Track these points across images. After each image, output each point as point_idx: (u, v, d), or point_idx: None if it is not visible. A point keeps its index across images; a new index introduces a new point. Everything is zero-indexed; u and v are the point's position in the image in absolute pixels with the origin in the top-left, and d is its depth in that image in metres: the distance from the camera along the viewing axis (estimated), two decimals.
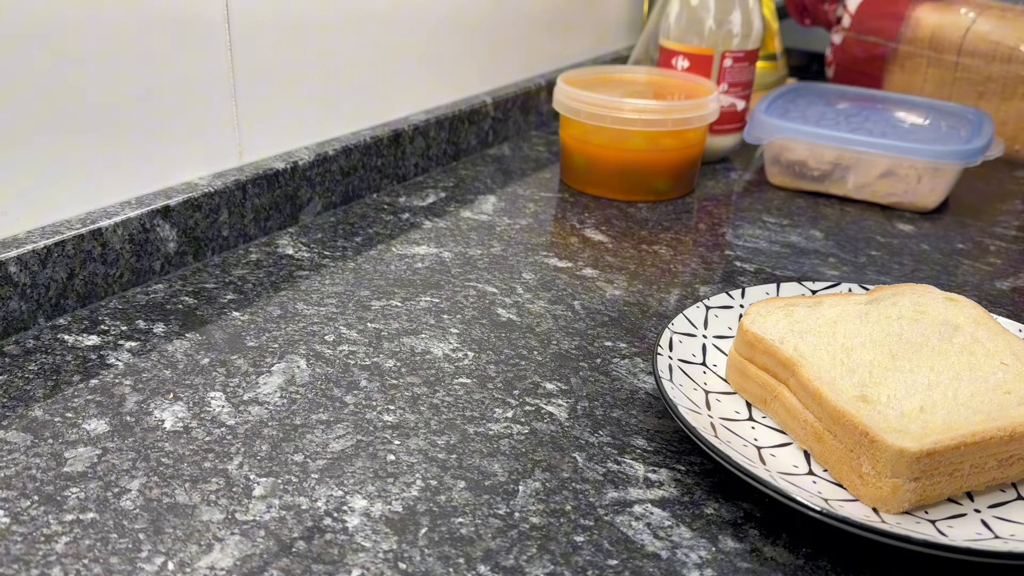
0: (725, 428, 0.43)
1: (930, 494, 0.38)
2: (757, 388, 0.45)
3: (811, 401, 0.41)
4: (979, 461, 0.39)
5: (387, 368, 0.49)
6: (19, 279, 0.49)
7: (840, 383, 0.41)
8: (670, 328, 0.48)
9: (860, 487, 0.39)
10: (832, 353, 0.43)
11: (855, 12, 0.99)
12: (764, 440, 0.43)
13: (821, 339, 0.44)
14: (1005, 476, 0.40)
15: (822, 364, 0.42)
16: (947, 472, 0.38)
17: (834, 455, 0.40)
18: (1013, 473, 0.40)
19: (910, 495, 0.38)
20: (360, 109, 0.73)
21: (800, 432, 0.42)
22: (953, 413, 0.39)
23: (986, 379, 0.42)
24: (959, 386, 0.41)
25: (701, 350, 0.49)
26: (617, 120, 0.72)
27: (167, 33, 0.56)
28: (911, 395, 0.40)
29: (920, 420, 0.39)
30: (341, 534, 0.37)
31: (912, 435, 0.37)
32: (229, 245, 0.62)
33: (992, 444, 0.38)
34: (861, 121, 0.80)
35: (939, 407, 0.40)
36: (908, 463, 0.37)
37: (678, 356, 0.47)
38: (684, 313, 0.50)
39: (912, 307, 0.47)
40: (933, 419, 0.39)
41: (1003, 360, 0.43)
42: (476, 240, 0.66)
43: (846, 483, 0.39)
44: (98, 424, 0.43)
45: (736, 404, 0.45)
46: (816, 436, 0.41)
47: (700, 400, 0.44)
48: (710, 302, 0.51)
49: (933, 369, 0.42)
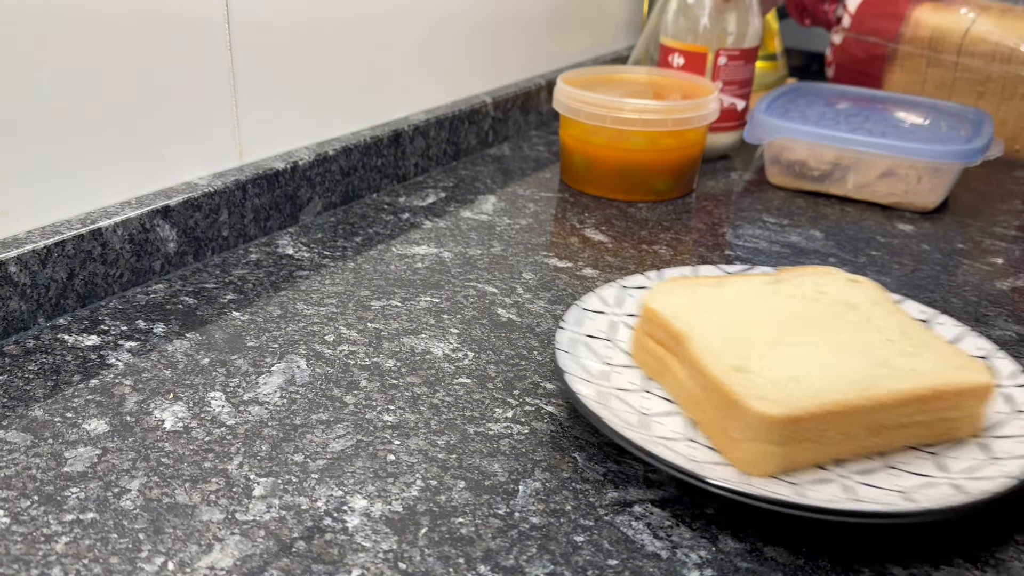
0: (616, 397, 0.44)
1: (798, 460, 0.40)
2: (653, 361, 0.47)
3: (694, 371, 0.43)
4: (847, 429, 0.40)
5: (387, 368, 0.49)
6: (19, 279, 0.49)
7: (722, 355, 0.42)
8: (578, 304, 0.50)
9: (731, 452, 0.40)
10: (722, 328, 0.45)
11: (855, 12, 0.99)
12: (653, 409, 0.45)
13: (715, 316, 0.46)
14: (876, 445, 0.41)
15: (710, 338, 0.44)
16: (814, 439, 0.40)
17: (711, 422, 0.42)
18: (884, 442, 0.41)
19: (777, 460, 0.39)
20: (360, 109, 0.73)
21: (686, 402, 0.44)
22: (826, 384, 0.40)
23: (868, 354, 0.43)
24: (840, 360, 0.42)
25: (610, 326, 0.50)
26: (617, 120, 0.72)
27: (167, 33, 0.56)
28: (788, 367, 0.42)
29: (789, 389, 0.40)
30: (341, 534, 0.37)
31: (777, 402, 0.39)
32: (229, 245, 0.62)
33: (859, 413, 0.40)
34: (861, 121, 0.80)
35: (814, 378, 0.41)
36: (771, 428, 0.38)
37: (585, 331, 0.49)
38: (596, 291, 0.52)
39: (813, 287, 0.49)
40: (803, 389, 0.40)
41: (890, 337, 0.44)
42: (476, 240, 0.66)
43: (720, 448, 0.41)
44: (98, 424, 0.43)
45: (634, 376, 0.47)
46: (698, 405, 0.43)
47: (597, 371, 0.46)
48: (626, 282, 0.54)
49: (818, 344, 0.44)
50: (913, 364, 0.42)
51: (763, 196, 0.77)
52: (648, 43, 0.94)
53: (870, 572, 0.37)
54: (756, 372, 0.41)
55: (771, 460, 0.39)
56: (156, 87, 0.56)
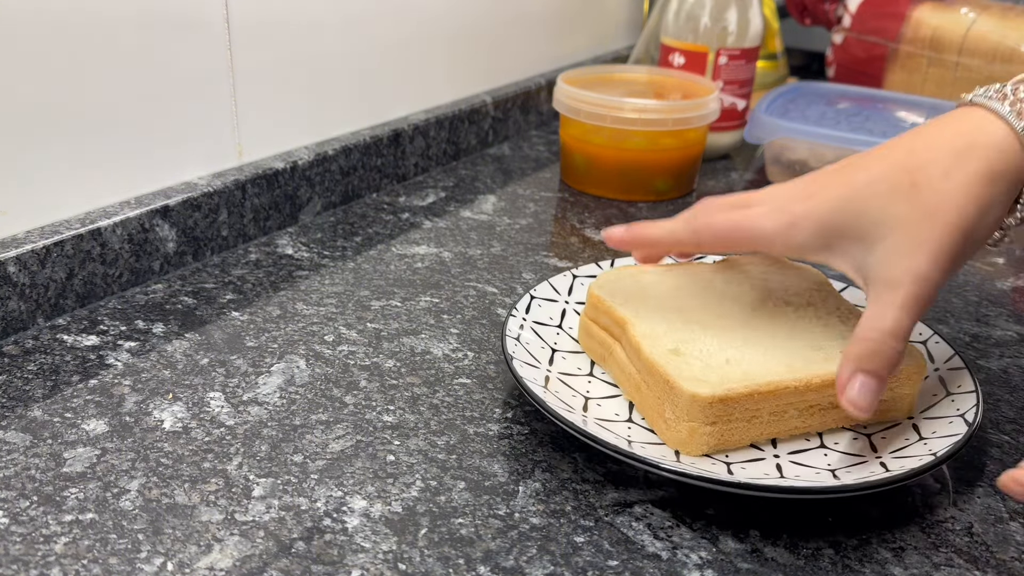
0: (560, 381, 0.46)
1: (730, 439, 0.41)
2: (598, 346, 0.48)
3: (634, 355, 0.44)
4: (777, 409, 0.42)
5: (387, 368, 0.49)
6: (18, 279, 0.49)
7: (661, 339, 0.44)
8: (531, 293, 0.51)
9: (664, 431, 0.42)
10: (663, 314, 0.46)
11: (855, 12, 0.99)
12: (595, 392, 0.46)
13: (658, 302, 0.47)
14: (808, 425, 0.43)
15: (651, 322, 0.45)
16: (745, 418, 0.41)
17: (648, 404, 0.43)
18: (817, 423, 0.43)
19: (708, 439, 0.41)
20: (360, 109, 0.73)
21: (626, 385, 0.45)
22: (758, 366, 0.42)
23: (803, 338, 0.44)
24: (774, 343, 0.44)
25: (560, 314, 0.51)
26: (617, 120, 0.72)
27: (167, 33, 0.56)
28: (723, 350, 0.43)
29: (721, 371, 0.41)
30: (341, 535, 0.37)
31: (707, 383, 0.40)
32: (228, 245, 0.62)
33: (787, 393, 0.41)
34: (862, 121, 0.80)
35: (747, 360, 0.42)
36: (701, 408, 0.40)
37: (533, 318, 0.50)
38: (549, 280, 0.53)
39: (759, 275, 0.50)
40: (734, 370, 0.41)
41: (827, 323, 0.46)
42: (476, 240, 0.66)
43: (656, 429, 0.43)
44: (97, 424, 0.43)
45: (580, 361, 0.48)
46: (636, 387, 0.44)
47: (544, 357, 0.47)
48: (578, 271, 0.54)
49: (756, 329, 0.45)
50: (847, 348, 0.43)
51: None
52: (648, 43, 0.94)
53: (870, 573, 0.37)
54: (692, 355, 0.42)
55: (703, 439, 0.41)
56: (156, 87, 0.56)
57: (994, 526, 0.40)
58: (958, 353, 0.47)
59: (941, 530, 0.39)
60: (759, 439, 0.42)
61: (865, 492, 0.37)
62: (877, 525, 0.39)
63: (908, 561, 0.37)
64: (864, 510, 0.40)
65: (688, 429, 0.40)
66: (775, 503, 0.40)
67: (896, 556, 0.38)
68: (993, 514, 0.40)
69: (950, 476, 0.43)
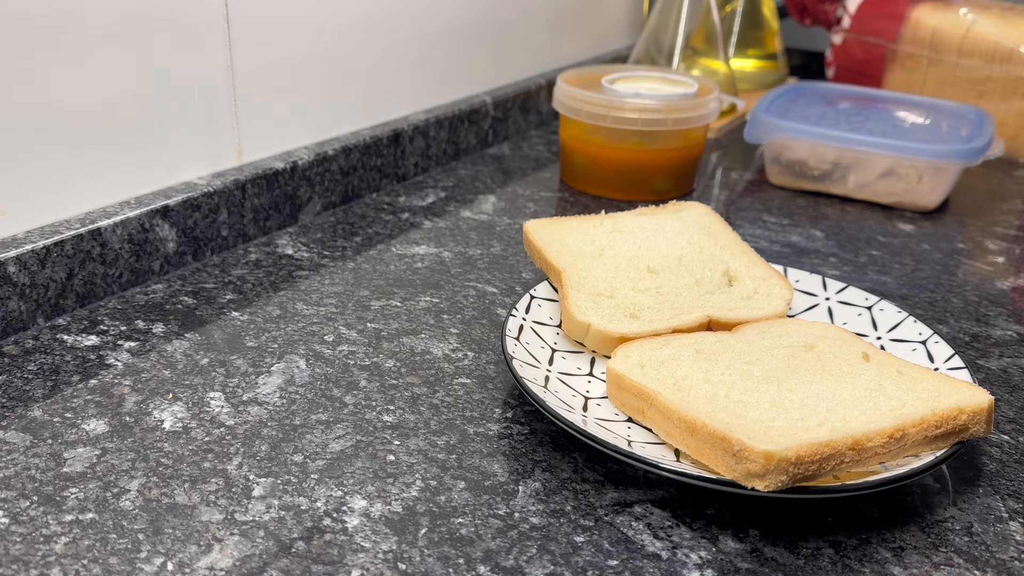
0: (560, 381, 0.46)
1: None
2: (633, 399, 0.46)
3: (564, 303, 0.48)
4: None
5: (387, 368, 0.49)
6: (18, 279, 0.49)
7: (585, 283, 0.50)
8: (531, 293, 0.52)
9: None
10: (597, 268, 0.51)
11: (855, 12, 0.99)
12: (595, 392, 0.46)
13: (591, 261, 0.52)
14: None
15: (580, 272, 0.50)
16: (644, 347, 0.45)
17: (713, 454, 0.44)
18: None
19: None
20: (359, 109, 0.73)
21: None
22: (665, 312, 0.49)
23: (712, 279, 0.51)
24: (687, 287, 0.51)
25: (560, 314, 0.51)
26: (617, 120, 0.72)
27: (167, 33, 0.56)
28: (641, 299, 0.50)
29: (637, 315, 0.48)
30: (341, 534, 0.37)
31: (609, 319, 0.46)
32: (228, 245, 0.62)
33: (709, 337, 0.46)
34: (861, 121, 0.80)
35: (659, 307, 0.49)
36: (606, 340, 0.45)
37: (533, 318, 0.50)
38: (549, 280, 0.53)
39: (678, 222, 0.55)
40: (652, 315, 0.48)
41: (723, 257, 0.54)
42: (476, 240, 0.65)
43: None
44: (97, 424, 0.43)
45: (580, 361, 0.49)
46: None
47: (544, 356, 0.48)
48: None
49: (672, 272, 0.52)
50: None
51: (763, 196, 0.77)
52: (648, 43, 0.94)
53: (870, 573, 0.37)
54: (616, 300, 0.49)
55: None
56: (155, 87, 0.56)
57: (994, 526, 0.40)
58: (958, 353, 0.47)
59: (941, 530, 0.39)
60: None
61: (865, 492, 0.37)
62: (877, 525, 0.39)
63: (908, 561, 0.37)
64: (864, 510, 0.40)
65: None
66: (775, 503, 0.40)
67: (896, 556, 0.38)
68: (993, 514, 0.40)
69: (950, 476, 0.43)
